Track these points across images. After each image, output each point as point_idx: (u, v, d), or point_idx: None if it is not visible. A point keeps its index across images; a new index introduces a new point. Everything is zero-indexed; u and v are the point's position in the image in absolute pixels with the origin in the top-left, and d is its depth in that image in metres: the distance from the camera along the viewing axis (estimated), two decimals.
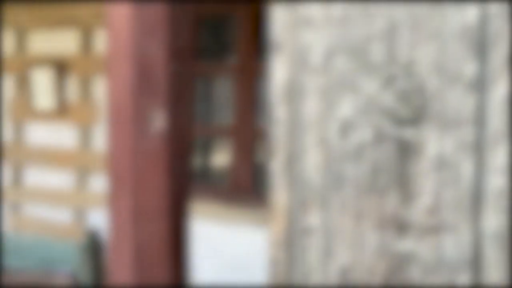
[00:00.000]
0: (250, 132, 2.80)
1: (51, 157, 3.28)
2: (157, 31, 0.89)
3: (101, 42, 3.15)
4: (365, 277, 0.28)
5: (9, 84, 3.41)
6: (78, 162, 3.20)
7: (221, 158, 4.35)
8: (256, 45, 2.82)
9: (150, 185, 0.89)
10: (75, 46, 3.21)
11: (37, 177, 3.33)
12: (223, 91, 3.99)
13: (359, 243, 0.29)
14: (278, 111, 0.31)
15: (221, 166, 4.17)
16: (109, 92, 0.93)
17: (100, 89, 3.16)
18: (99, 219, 3.07)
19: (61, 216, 3.24)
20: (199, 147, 3.94)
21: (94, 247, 2.52)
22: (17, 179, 3.38)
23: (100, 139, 3.16)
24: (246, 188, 2.78)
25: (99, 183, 3.15)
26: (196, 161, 3.81)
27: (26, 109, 3.33)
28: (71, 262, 2.58)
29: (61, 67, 3.22)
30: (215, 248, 2.76)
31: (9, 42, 3.42)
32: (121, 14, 0.89)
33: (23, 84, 3.35)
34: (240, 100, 2.81)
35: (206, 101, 3.95)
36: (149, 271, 0.89)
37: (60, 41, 3.26)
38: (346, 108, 0.30)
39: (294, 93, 0.30)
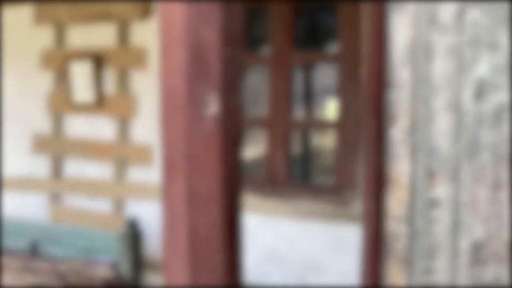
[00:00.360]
0: (285, 123, 2.78)
1: (90, 149, 3.33)
2: (211, 17, 0.87)
3: (138, 35, 3.18)
4: (502, 252, 0.26)
5: (49, 78, 3.47)
6: (116, 154, 3.24)
7: (253, 149, 4.34)
8: (290, 37, 2.79)
9: (204, 171, 0.88)
10: (112, 39, 3.24)
11: (77, 168, 3.39)
12: (256, 82, 3.97)
13: (496, 216, 0.27)
14: (401, 73, 0.29)
15: (254, 158, 4.16)
16: (162, 77, 0.92)
17: (137, 81, 3.19)
18: (137, 209, 3.11)
19: (100, 206, 3.29)
20: None
21: (133, 236, 2.55)
22: (57, 171, 3.45)
23: (138, 131, 3.20)
24: (282, 179, 2.76)
25: (137, 174, 3.19)
26: None
27: (65, 102, 3.39)
28: (111, 251, 2.62)
29: (99, 61, 3.26)
30: (251, 239, 2.75)
31: (48, 37, 3.48)
32: (175, 1, 0.88)
33: (62, 77, 3.41)
34: (275, 91, 2.78)
35: None
36: (204, 257, 0.88)
37: (98, 35, 3.29)
38: (482, 67, 0.27)
39: (420, 53, 0.28)
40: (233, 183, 0.90)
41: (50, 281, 2.40)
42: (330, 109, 4.37)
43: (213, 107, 0.88)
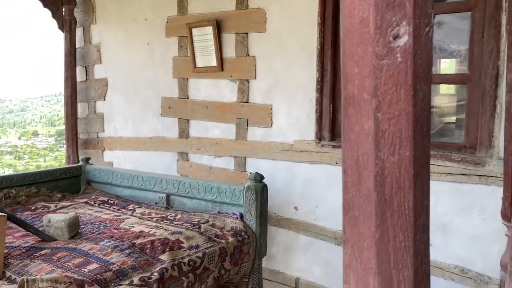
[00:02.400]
0: None
1: (213, 111, 3.41)
2: None
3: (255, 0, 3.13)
4: None
5: (173, 45, 3.59)
6: (237, 114, 3.28)
7: None
8: None
9: (393, 107, 0.80)
10: (232, 4, 3.23)
11: (201, 128, 3.50)
12: None
13: None
14: None
15: None
16: (345, 8, 0.84)
17: (256, 44, 3.16)
18: (257, 166, 3.14)
19: (223, 163, 3.38)
20: None
21: (258, 190, 2.57)
22: (184, 131, 3.59)
23: (257, 92, 3.19)
24: None
25: (257, 133, 3.21)
26: None
27: (189, 67, 3.48)
28: (238, 204, 2.68)
29: (219, 26, 3.28)
30: None
31: (172, 7, 3.57)
32: None
33: (186, 44, 3.50)
34: None
35: None
36: (392, 197, 0.81)
37: (218, 1, 3.30)
38: None
39: None
40: (423, 120, 0.81)
41: (186, 230, 2.51)
42: (445, 68, 4.01)
43: (404, 38, 0.78)
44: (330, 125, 2.88)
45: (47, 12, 3.89)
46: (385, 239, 0.82)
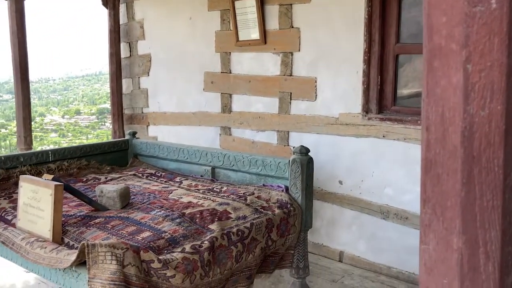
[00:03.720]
0: None
1: (255, 84, 3.38)
2: None
3: None
4: None
5: (216, 19, 3.56)
6: (280, 88, 3.24)
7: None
8: None
9: (484, 58, 0.75)
10: None
11: (244, 102, 3.48)
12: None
13: None
14: None
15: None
16: None
17: (299, 16, 3.09)
18: (300, 140, 3.11)
19: (266, 137, 3.37)
20: None
21: (304, 163, 2.55)
22: (226, 106, 3.59)
23: (301, 65, 3.14)
24: None
25: (300, 106, 3.17)
26: None
27: (231, 41, 3.45)
28: (283, 177, 2.66)
29: None
30: None
31: None
32: None
33: (228, 17, 3.46)
34: None
35: None
36: (481, 153, 0.77)
37: None
38: None
39: None
40: None
41: (232, 202, 2.53)
42: None
43: None
44: (377, 97, 2.81)
45: None
46: (471, 197, 0.78)
